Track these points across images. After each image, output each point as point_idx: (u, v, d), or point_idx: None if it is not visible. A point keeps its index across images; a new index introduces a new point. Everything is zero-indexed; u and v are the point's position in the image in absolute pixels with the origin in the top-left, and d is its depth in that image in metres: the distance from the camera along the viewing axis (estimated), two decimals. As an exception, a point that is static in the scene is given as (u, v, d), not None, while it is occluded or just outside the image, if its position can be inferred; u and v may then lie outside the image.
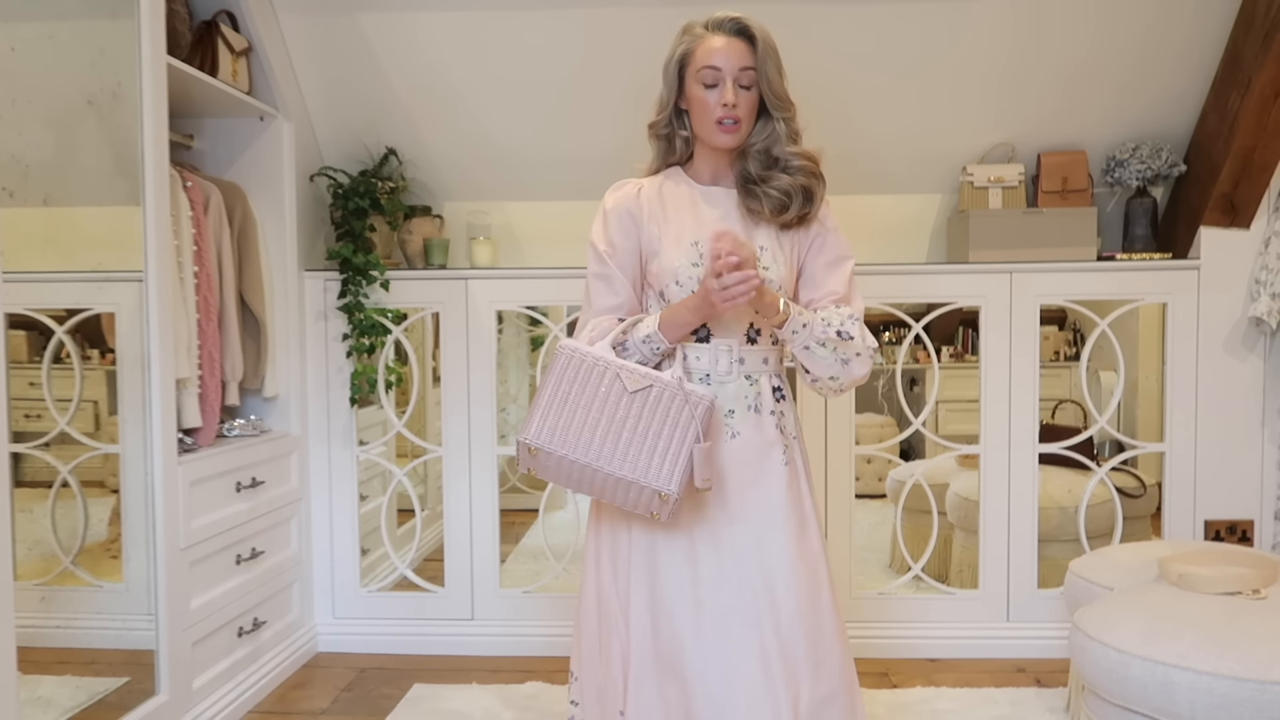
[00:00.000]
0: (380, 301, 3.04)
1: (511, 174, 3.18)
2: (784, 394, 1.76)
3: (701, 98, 1.68)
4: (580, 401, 1.59)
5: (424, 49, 2.89)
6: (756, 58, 1.67)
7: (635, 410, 1.57)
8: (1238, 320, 2.93)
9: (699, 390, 1.59)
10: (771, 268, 1.70)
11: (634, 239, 1.75)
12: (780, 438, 1.71)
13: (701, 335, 1.70)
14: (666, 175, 1.81)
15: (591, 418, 1.58)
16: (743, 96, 1.67)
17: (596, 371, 1.60)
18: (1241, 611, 1.92)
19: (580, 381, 1.60)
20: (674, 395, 1.56)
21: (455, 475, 3.08)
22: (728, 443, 1.68)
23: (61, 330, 2.21)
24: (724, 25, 1.69)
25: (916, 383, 5.90)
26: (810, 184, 1.72)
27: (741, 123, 1.69)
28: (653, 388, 1.58)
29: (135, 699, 2.24)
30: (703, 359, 1.69)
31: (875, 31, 2.79)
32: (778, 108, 1.71)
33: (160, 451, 2.29)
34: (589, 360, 1.61)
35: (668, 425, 1.56)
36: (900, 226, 3.22)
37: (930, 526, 3.16)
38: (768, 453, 1.69)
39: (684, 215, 1.74)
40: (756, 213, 1.72)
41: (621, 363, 1.61)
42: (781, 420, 1.73)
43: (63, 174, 2.17)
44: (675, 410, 1.56)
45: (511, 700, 2.68)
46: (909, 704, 2.62)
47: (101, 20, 2.22)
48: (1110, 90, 2.91)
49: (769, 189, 1.70)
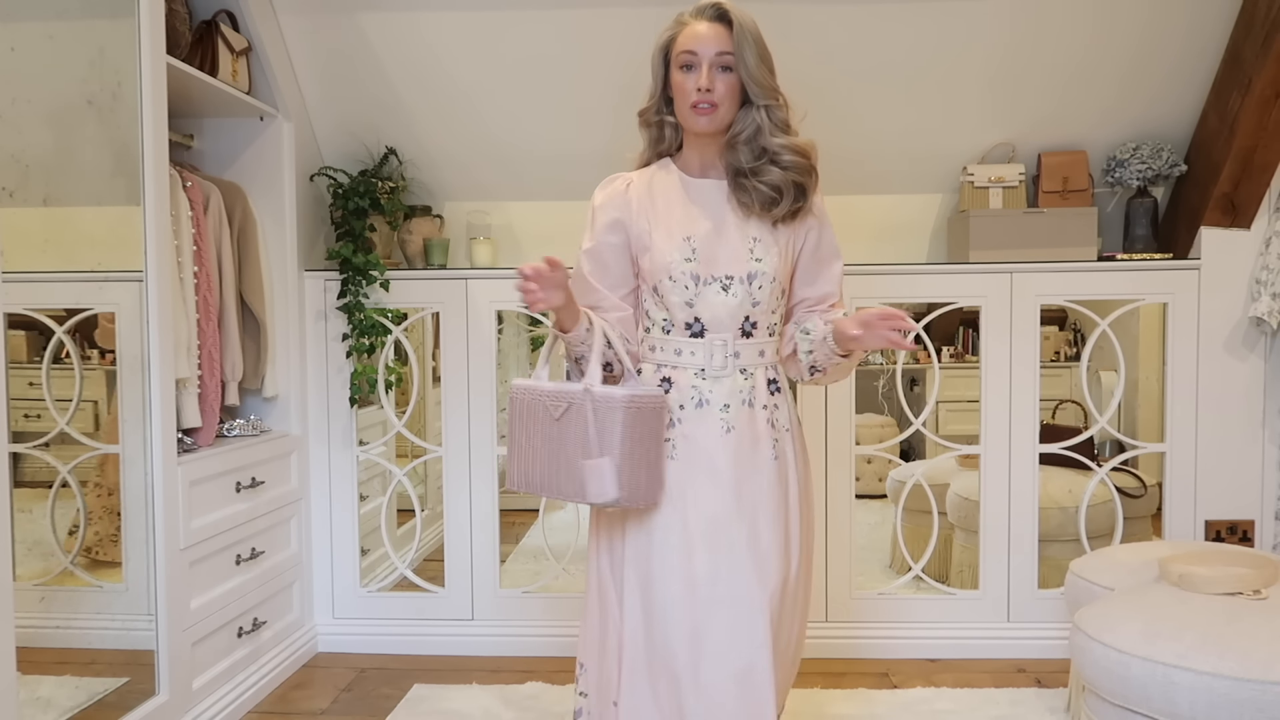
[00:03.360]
0: (380, 301, 3.04)
1: (511, 174, 3.18)
2: (779, 387, 1.77)
3: (680, 82, 1.68)
4: (531, 441, 1.65)
5: (424, 48, 2.89)
6: (734, 41, 1.66)
7: (562, 434, 1.61)
8: (1238, 320, 2.93)
9: (605, 391, 1.59)
10: (764, 259, 1.70)
11: (622, 235, 1.75)
12: (770, 431, 1.72)
13: (695, 330, 1.70)
14: (657, 167, 1.80)
15: (541, 454, 1.64)
16: (720, 80, 1.66)
17: (530, 407, 1.65)
18: (1242, 612, 1.92)
19: (524, 419, 1.66)
20: (583, 404, 1.58)
21: (455, 475, 3.08)
22: (723, 436, 1.68)
23: (61, 330, 2.21)
24: (705, 11, 1.69)
25: (917, 383, 5.90)
26: (801, 179, 1.71)
27: (718, 107, 1.67)
28: (570, 407, 1.60)
29: (135, 699, 2.24)
30: (697, 354, 1.70)
31: (876, 32, 2.79)
32: (759, 95, 1.68)
33: (160, 451, 2.29)
34: (526, 397, 1.66)
35: (592, 437, 1.58)
36: (900, 226, 3.22)
37: (930, 527, 3.16)
38: (758, 446, 1.70)
39: (674, 209, 1.74)
40: (747, 206, 1.72)
41: (545, 388, 1.64)
42: (774, 414, 1.74)
43: (63, 174, 2.17)
44: (597, 417, 1.57)
45: (511, 700, 2.68)
46: (909, 704, 2.62)
47: (101, 20, 2.22)
48: (1111, 90, 2.91)
49: (758, 183, 1.69)
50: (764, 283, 1.70)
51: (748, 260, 1.70)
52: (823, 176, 2.47)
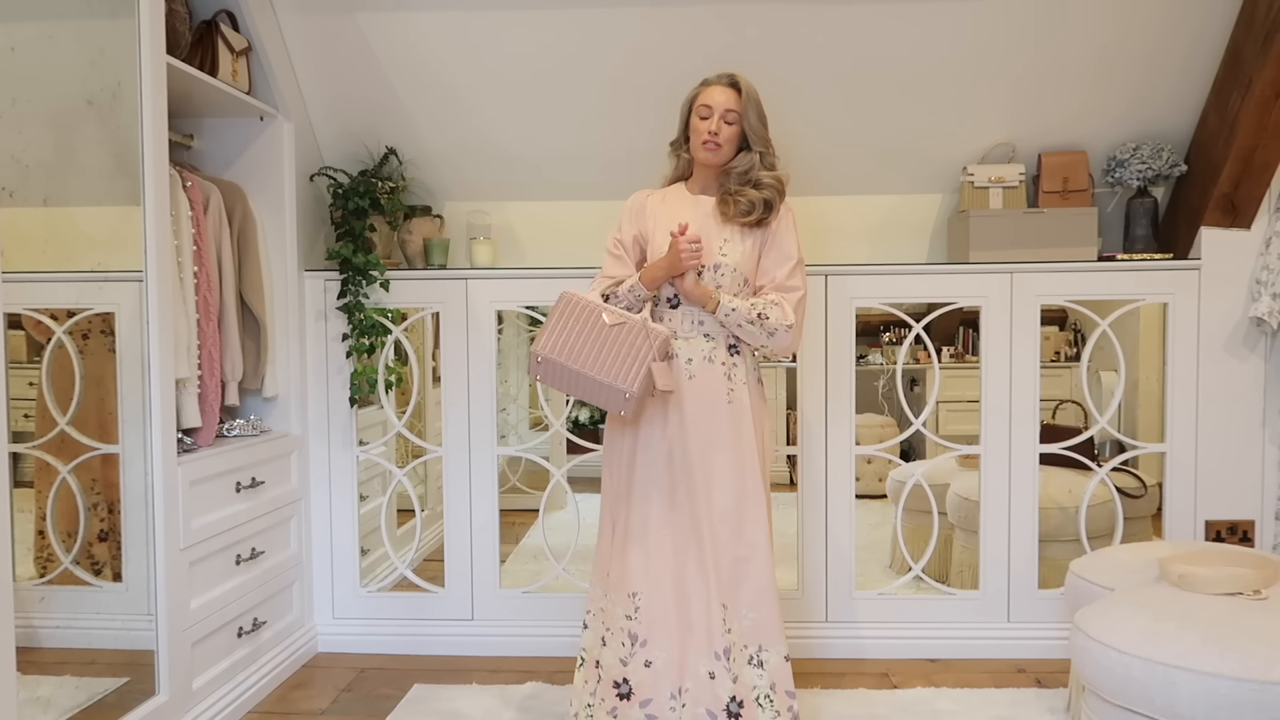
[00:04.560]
0: (380, 301, 3.04)
1: (511, 174, 3.18)
2: (738, 350, 2.32)
3: (696, 125, 2.32)
4: (573, 330, 2.20)
5: (424, 49, 2.89)
6: (741, 103, 2.29)
7: (611, 337, 2.18)
8: (1238, 320, 2.93)
9: (658, 328, 2.20)
10: (730, 254, 2.29)
11: (636, 229, 2.40)
12: (727, 383, 2.29)
13: (675, 303, 2.30)
14: (672, 187, 2.45)
15: (581, 339, 2.19)
16: (725, 129, 2.29)
17: (585, 310, 2.21)
18: (1242, 612, 1.92)
19: (573, 316, 2.21)
20: (639, 330, 2.18)
21: (455, 475, 3.08)
22: (687, 382, 2.27)
23: (61, 330, 2.21)
24: (722, 79, 2.32)
25: (917, 383, 5.90)
26: (772, 198, 2.30)
27: (721, 146, 2.29)
28: (625, 324, 2.19)
29: (135, 699, 2.24)
30: (673, 320, 2.31)
31: (876, 32, 2.79)
32: (756, 143, 2.31)
33: (160, 451, 2.29)
34: (581, 302, 2.23)
35: (632, 349, 2.17)
36: (901, 226, 3.22)
37: (930, 527, 3.16)
38: (716, 392, 2.28)
39: (672, 213, 2.35)
40: (725, 214, 2.31)
41: (604, 305, 2.23)
42: (732, 370, 2.30)
43: (63, 174, 2.17)
44: (639, 340, 2.17)
45: (511, 700, 2.68)
46: (909, 704, 2.62)
47: (101, 20, 2.22)
48: (1111, 90, 2.91)
49: (739, 198, 2.30)
50: (726, 272, 2.29)
51: (716, 254, 2.30)
52: (823, 177, 2.64)
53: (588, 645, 2.34)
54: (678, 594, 2.24)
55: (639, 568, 2.26)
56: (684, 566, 2.25)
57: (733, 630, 2.22)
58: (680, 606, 2.24)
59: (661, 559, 2.25)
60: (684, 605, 2.24)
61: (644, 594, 2.25)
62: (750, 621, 2.23)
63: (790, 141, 2.67)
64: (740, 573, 2.24)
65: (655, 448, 2.28)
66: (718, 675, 2.19)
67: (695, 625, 2.22)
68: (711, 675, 2.19)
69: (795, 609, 2.99)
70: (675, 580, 2.25)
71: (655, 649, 2.23)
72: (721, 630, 2.20)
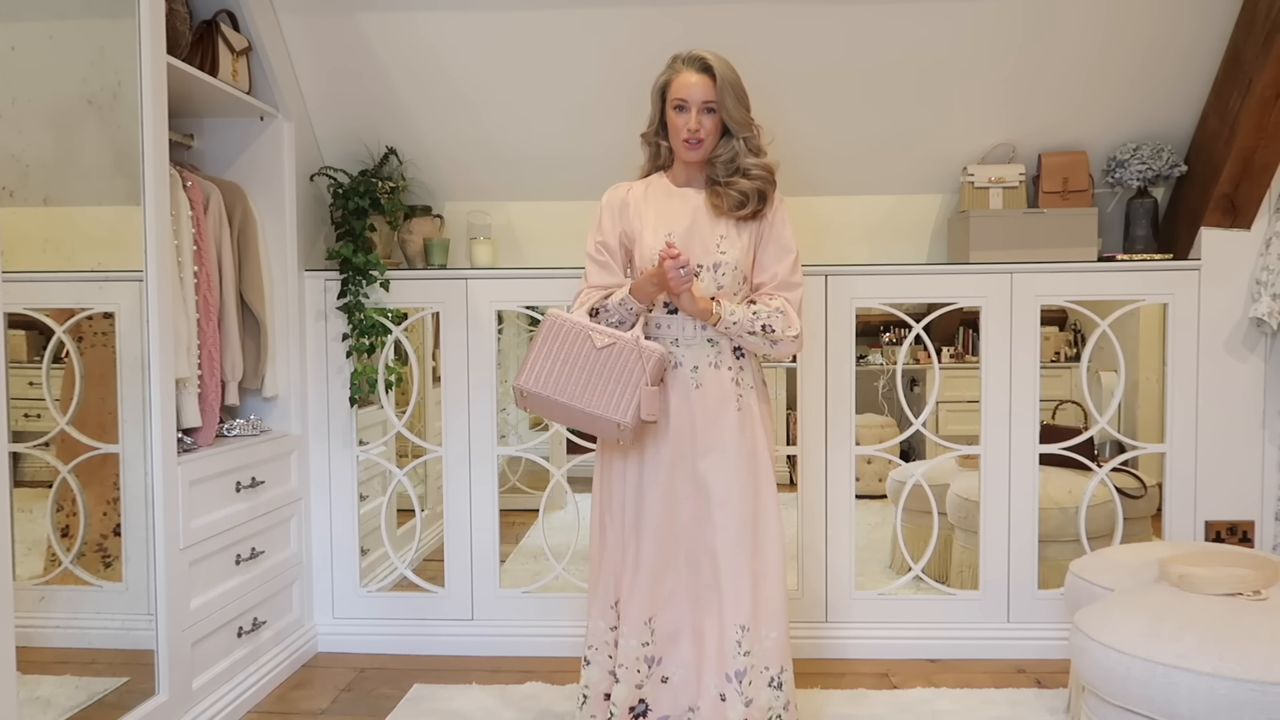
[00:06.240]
0: (380, 301, 3.04)
1: (511, 174, 3.18)
2: (743, 353, 2.21)
3: (674, 121, 2.16)
4: (559, 356, 2.07)
5: (424, 48, 2.89)
6: (717, 91, 2.11)
7: (600, 361, 2.05)
8: (1238, 321, 2.93)
9: (651, 345, 2.06)
10: (730, 251, 2.16)
11: (621, 227, 2.23)
12: (735, 389, 2.18)
13: (673, 309, 2.16)
14: (652, 179, 2.27)
15: (568, 368, 2.07)
16: (705, 121, 2.13)
17: (572, 333, 2.09)
18: (1242, 612, 1.92)
19: (559, 341, 2.08)
20: (631, 349, 2.04)
21: (455, 475, 3.08)
22: (694, 392, 2.15)
23: (61, 330, 2.21)
24: (693, 62, 2.13)
25: (917, 383, 5.90)
26: (765, 188, 2.17)
27: (704, 142, 2.15)
28: (615, 345, 2.06)
29: (135, 699, 2.24)
30: (673, 327, 2.17)
31: (876, 32, 2.78)
32: (737, 129, 2.15)
33: (160, 451, 2.29)
34: (566, 325, 2.10)
35: (624, 372, 2.03)
36: (901, 226, 3.22)
37: (930, 527, 3.16)
38: (725, 400, 2.16)
39: (660, 211, 2.20)
40: (718, 208, 2.17)
41: (593, 325, 2.10)
42: (739, 375, 2.19)
43: (63, 174, 2.17)
44: (631, 361, 2.04)
45: (511, 700, 2.68)
46: (909, 704, 2.62)
47: (101, 20, 2.22)
48: (1111, 91, 2.91)
49: (730, 190, 2.15)
50: (727, 270, 2.16)
51: (714, 252, 2.16)
52: (823, 177, 2.60)
53: (591, 682, 2.26)
54: (693, 610, 2.19)
55: (651, 593, 2.18)
56: (698, 585, 2.18)
57: (752, 652, 2.15)
58: (695, 623, 2.18)
59: (675, 578, 2.19)
60: (699, 623, 2.18)
61: (658, 615, 2.19)
62: (771, 642, 2.16)
63: (791, 141, 2.67)
64: (759, 590, 2.16)
65: (664, 466, 2.16)
66: (729, 698, 2.14)
67: (708, 644, 2.17)
68: (722, 697, 2.15)
69: (795, 609, 2.99)
70: (690, 597, 2.19)
71: (671, 665, 2.20)
72: (735, 652, 2.14)
